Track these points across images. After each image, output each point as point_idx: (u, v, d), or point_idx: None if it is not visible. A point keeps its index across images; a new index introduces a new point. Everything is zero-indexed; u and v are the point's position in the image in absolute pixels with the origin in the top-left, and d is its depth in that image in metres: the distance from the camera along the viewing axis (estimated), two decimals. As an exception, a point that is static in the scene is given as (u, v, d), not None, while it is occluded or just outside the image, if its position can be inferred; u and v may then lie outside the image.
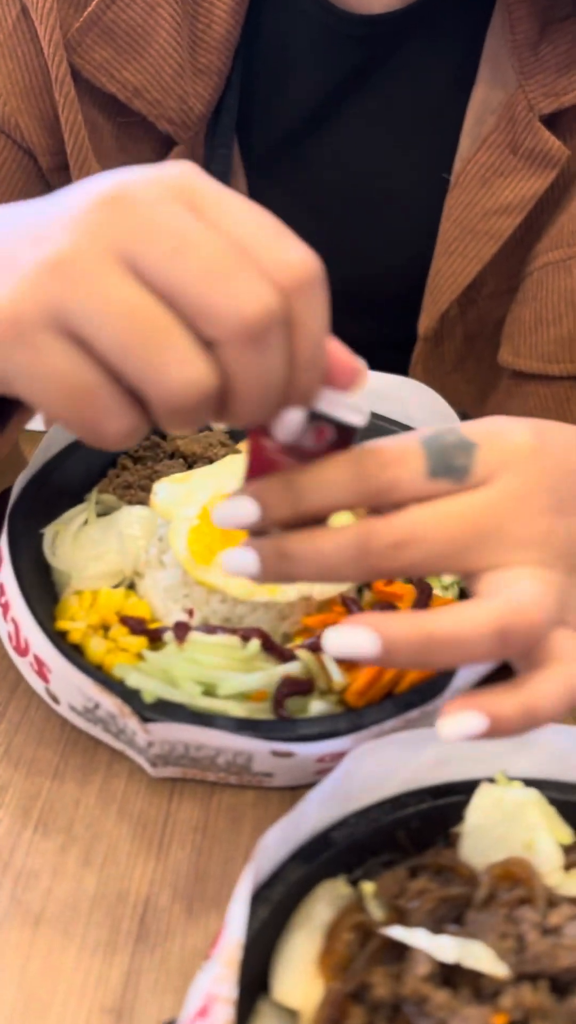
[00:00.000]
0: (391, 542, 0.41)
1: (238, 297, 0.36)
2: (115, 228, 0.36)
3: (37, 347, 0.36)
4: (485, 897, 0.48)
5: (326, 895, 0.50)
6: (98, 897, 0.56)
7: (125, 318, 0.35)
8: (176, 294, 0.36)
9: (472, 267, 0.83)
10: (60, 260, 0.36)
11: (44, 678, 0.61)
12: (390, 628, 0.39)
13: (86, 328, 0.36)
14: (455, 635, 0.39)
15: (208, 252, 0.36)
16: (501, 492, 0.42)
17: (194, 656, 0.61)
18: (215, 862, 0.58)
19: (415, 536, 0.41)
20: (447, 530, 0.41)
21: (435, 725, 0.41)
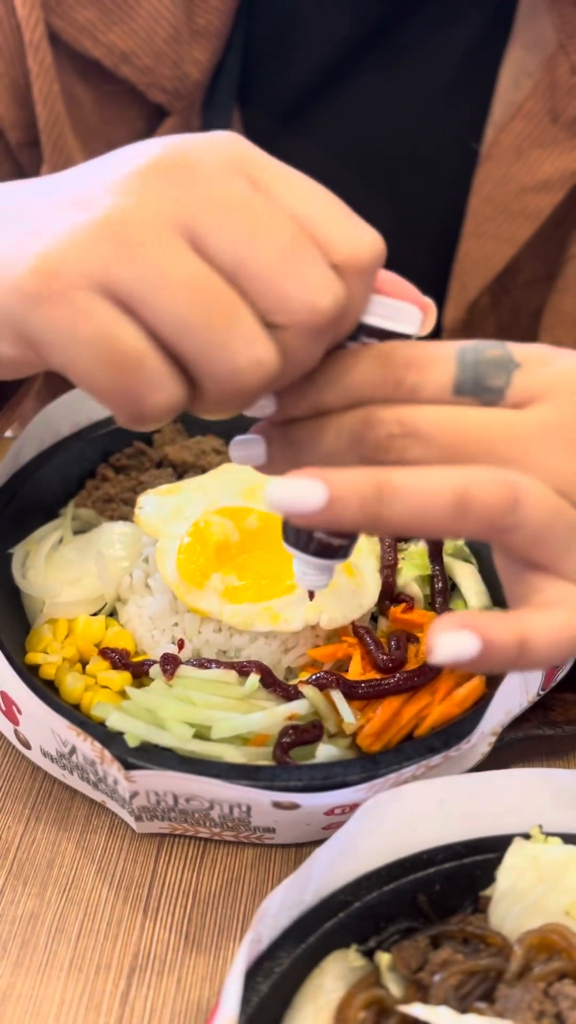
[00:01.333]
0: (389, 431, 0.42)
1: (312, 288, 0.39)
2: (176, 198, 0.38)
3: (78, 307, 0.38)
4: (519, 970, 0.48)
5: (336, 967, 0.50)
6: (74, 971, 0.56)
7: (189, 292, 0.38)
8: (246, 276, 0.38)
9: (505, 251, 0.83)
10: (111, 222, 0.37)
11: (13, 719, 0.62)
12: (337, 477, 0.40)
13: (141, 298, 0.38)
14: (409, 488, 0.40)
15: (281, 236, 0.39)
16: (531, 417, 0.43)
17: (184, 694, 0.61)
18: (208, 930, 0.58)
19: (416, 430, 0.42)
20: (453, 434, 0.42)
21: (430, 646, 0.40)
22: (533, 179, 0.80)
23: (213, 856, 0.61)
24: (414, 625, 0.68)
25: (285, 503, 0.40)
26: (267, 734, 0.61)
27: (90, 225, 0.38)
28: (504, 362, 0.43)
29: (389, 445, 0.42)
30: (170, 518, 0.70)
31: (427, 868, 0.53)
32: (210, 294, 0.38)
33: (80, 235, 0.38)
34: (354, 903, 0.51)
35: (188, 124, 0.82)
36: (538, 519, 0.41)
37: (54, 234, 0.38)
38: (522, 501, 0.40)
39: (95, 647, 0.66)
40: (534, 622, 0.41)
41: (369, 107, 0.84)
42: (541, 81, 0.78)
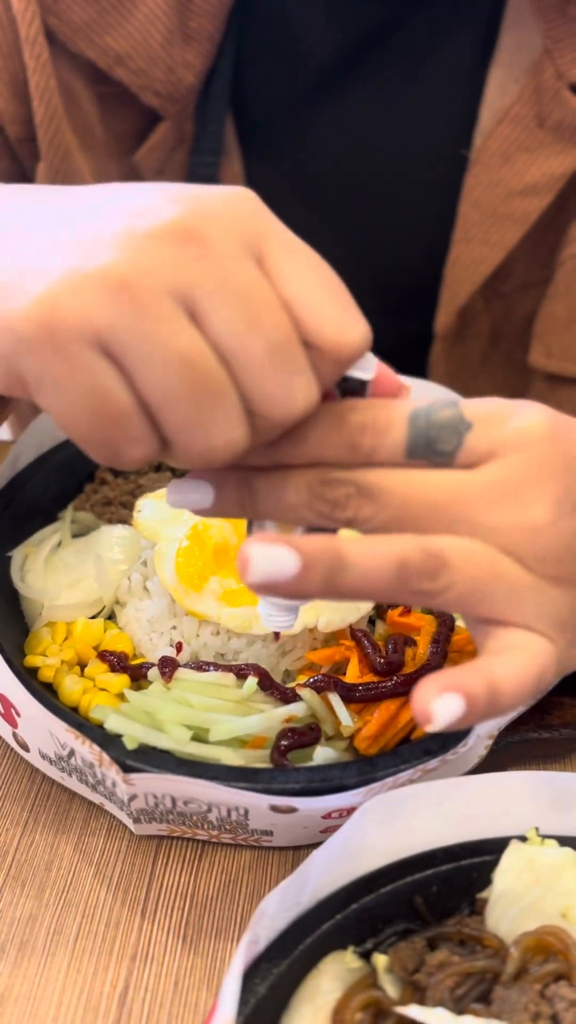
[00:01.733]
0: (347, 492, 0.44)
1: (292, 394, 0.41)
2: (185, 268, 0.39)
3: (73, 361, 0.39)
4: (515, 972, 0.48)
5: (333, 969, 0.50)
6: (71, 974, 0.56)
7: (182, 367, 0.39)
8: (237, 364, 0.40)
9: (494, 255, 0.83)
10: (116, 280, 0.38)
11: (11, 722, 0.62)
12: (304, 546, 0.42)
13: (134, 362, 0.39)
14: (357, 557, 0.42)
15: (277, 335, 0.40)
16: (477, 478, 0.44)
17: (182, 696, 0.62)
18: (206, 932, 0.58)
19: (369, 492, 0.44)
20: (403, 497, 0.44)
21: (425, 713, 0.42)
22: (521, 183, 0.81)
23: (211, 858, 0.62)
24: (411, 628, 0.68)
25: (267, 575, 0.41)
26: (265, 736, 0.61)
27: (92, 278, 0.38)
28: (455, 424, 0.45)
29: (346, 504, 0.44)
30: (168, 521, 0.70)
31: (424, 870, 0.53)
32: (201, 373, 0.39)
33: (81, 286, 0.38)
34: (351, 905, 0.51)
35: (181, 128, 0.82)
36: (466, 581, 0.43)
37: (55, 279, 0.39)
38: (448, 566, 0.43)
39: (94, 650, 0.67)
40: (497, 667, 0.43)
41: (361, 114, 0.84)
42: (527, 86, 0.78)
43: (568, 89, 0.77)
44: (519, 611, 0.45)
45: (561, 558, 0.45)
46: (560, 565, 0.45)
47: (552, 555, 0.45)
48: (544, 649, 0.45)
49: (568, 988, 0.47)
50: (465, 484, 0.44)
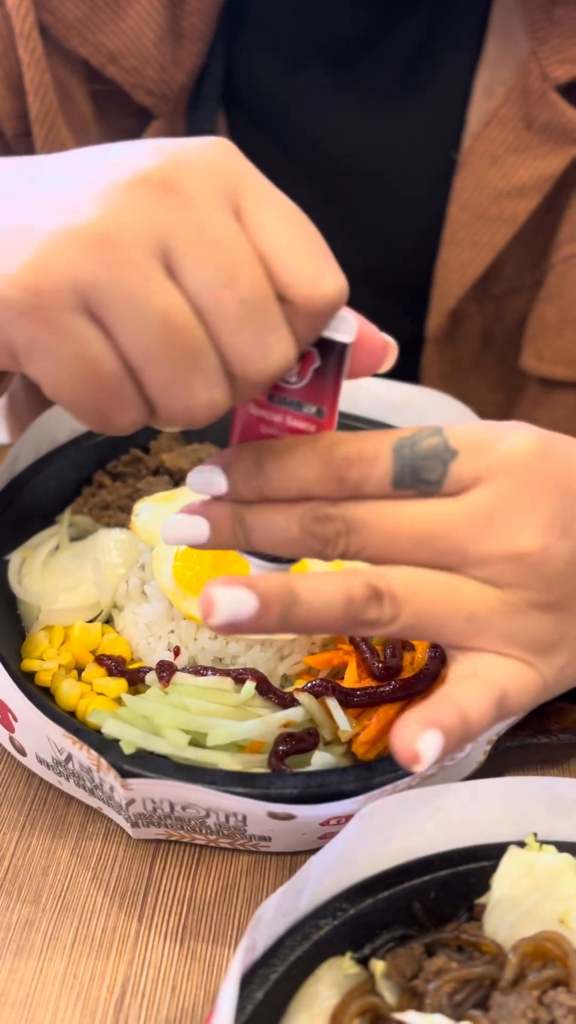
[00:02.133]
0: (336, 529, 0.45)
1: (267, 352, 0.41)
2: (161, 218, 0.39)
3: (63, 327, 0.39)
4: (513, 978, 0.48)
5: (330, 975, 0.50)
6: (68, 979, 0.56)
7: (162, 326, 0.39)
8: (214, 320, 0.40)
9: (483, 256, 0.83)
10: (97, 236, 0.38)
11: (8, 726, 0.62)
12: (260, 585, 0.43)
13: (117, 321, 0.39)
14: (308, 593, 0.44)
15: (253, 291, 0.40)
16: (459, 506, 0.45)
17: (180, 701, 0.61)
18: (203, 938, 0.58)
19: (357, 527, 0.45)
20: (390, 530, 0.45)
21: (411, 753, 0.43)
22: (508, 184, 0.81)
23: (208, 863, 0.61)
24: (410, 633, 0.68)
25: (230, 616, 0.43)
26: (263, 741, 0.61)
27: (75, 236, 0.38)
28: (439, 452, 0.45)
29: (336, 541, 0.45)
30: (166, 525, 0.70)
31: (422, 876, 0.53)
32: (180, 331, 0.39)
33: (65, 246, 0.38)
34: (349, 910, 0.51)
35: (174, 126, 0.82)
36: (414, 612, 0.44)
37: (40, 241, 0.39)
38: (395, 598, 0.44)
39: (91, 654, 0.66)
40: (460, 696, 0.44)
41: (349, 117, 0.85)
42: (514, 88, 0.79)
43: (554, 90, 0.77)
44: (482, 637, 0.45)
45: (549, 583, 0.45)
46: (549, 590, 0.45)
47: (540, 581, 0.45)
48: (511, 674, 0.45)
49: (566, 994, 0.47)
50: (448, 514, 0.45)
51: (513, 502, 0.45)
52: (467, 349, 0.92)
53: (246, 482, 0.46)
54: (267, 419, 0.47)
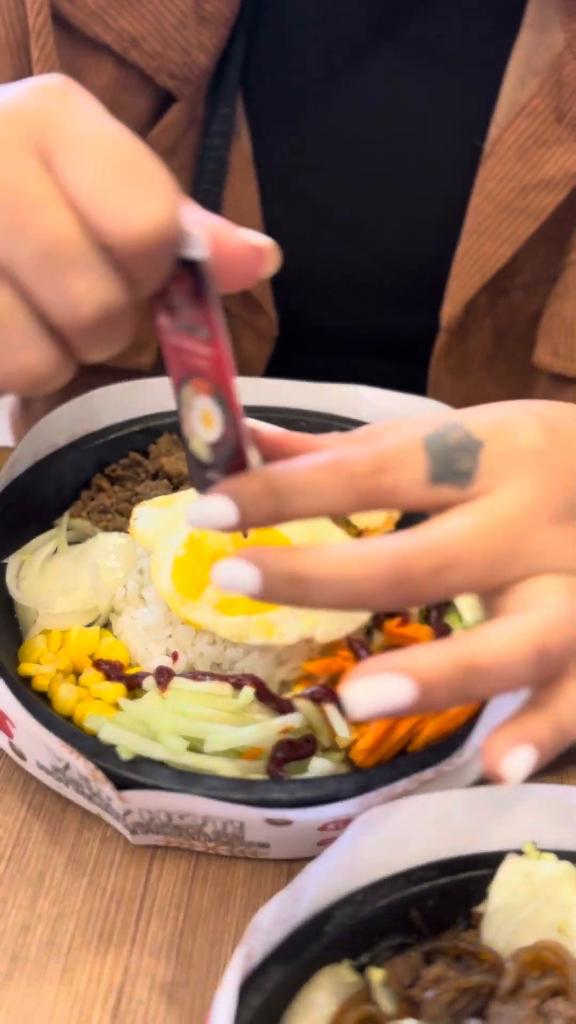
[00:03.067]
0: (430, 567, 0.42)
1: (72, 297, 0.38)
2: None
3: None
4: (511, 987, 0.48)
5: (328, 983, 0.50)
6: (64, 985, 0.56)
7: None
8: (15, 278, 0.39)
9: (505, 249, 0.83)
10: None
11: (6, 731, 0.62)
12: (422, 668, 0.40)
13: None
14: (494, 662, 0.41)
15: (45, 237, 0.38)
16: (515, 499, 0.44)
17: (178, 706, 0.61)
18: (200, 944, 0.58)
19: (454, 559, 0.42)
20: (483, 549, 0.43)
21: (497, 774, 0.42)
22: (536, 177, 0.81)
23: (205, 869, 0.61)
24: (408, 639, 0.68)
25: (378, 709, 0.40)
26: (261, 748, 0.61)
27: None
28: (466, 444, 0.44)
29: (435, 581, 0.42)
30: (165, 530, 0.70)
31: (420, 883, 0.53)
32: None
33: None
34: (347, 918, 0.51)
35: (195, 110, 0.82)
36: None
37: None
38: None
39: (88, 658, 0.66)
40: (562, 705, 0.43)
41: (373, 101, 0.84)
42: (547, 80, 0.79)
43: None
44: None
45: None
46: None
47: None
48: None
49: (565, 1004, 0.46)
50: (512, 508, 0.44)
51: (549, 488, 0.45)
52: (479, 343, 0.92)
53: (258, 506, 0.43)
54: (178, 346, 0.44)
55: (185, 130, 0.83)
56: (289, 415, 0.82)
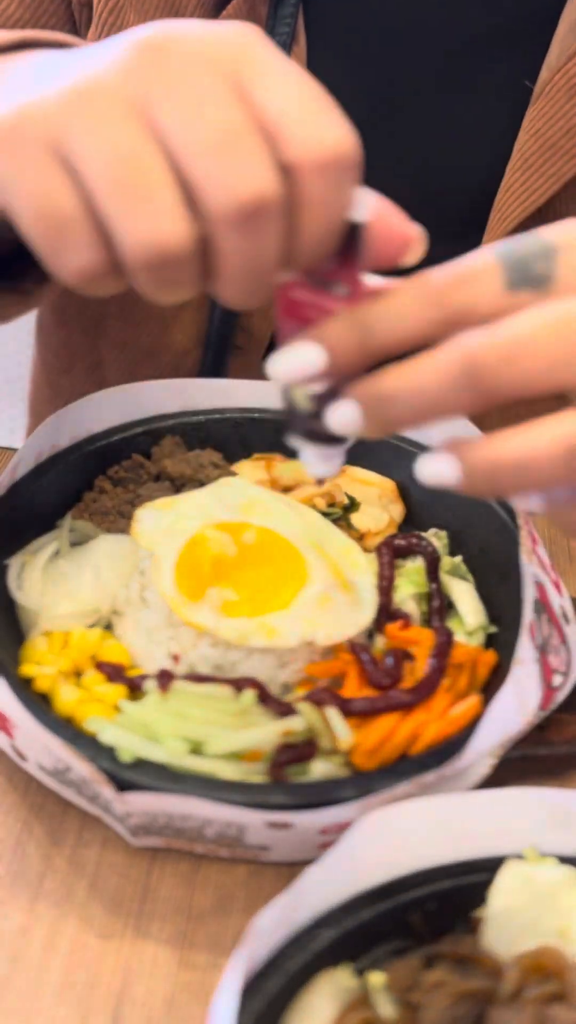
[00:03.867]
0: (500, 356, 0.42)
1: (237, 175, 0.40)
2: (145, 76, 0.41)
3: (26, 160, 0.42)
4: (511, 992, 0.48)
5: (328, 987, 0.50)
6: (64, 987, 0.56)
7: (120, 160, 0.41)
8: (180, 158, 0.41)
9: (549, 185, 0.84)
10: (80, 90, 0.42)
11: (7, 732, 0.62)
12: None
13: (80, 159, 0.41)
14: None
15: (221, 123, 0.40)
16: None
17: (179, 708, 0.61)
18: (200, 947, 0.58)
19: (522, 351, 0.42)
20: (554, 342, 0.43)
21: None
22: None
23: (206, 872, 0.61)
24: (410, 642, 0.68)
25: (434, 476, 0.44)
26: (262, 751, 0.61)
27: (59, 93, 0.42)
28: (543, 249, 0.44)
29: (508, 371, 0.42)
30: (167, 532, 0.70)
31: (420, 887, 0.53)
32: (137, 165, 0.40)
33: (48, 100, 0.42)
34: (346, 922, 0.51)
35: (254, 9, 0.82)
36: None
37: (29, 98, 0.42)
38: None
39: (90, 660, 0.66)
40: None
41: (430, 28, 0.85)
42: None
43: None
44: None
45: None
46: None
47: None
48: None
49: (565, 1010, 0.46)
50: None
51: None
52: None
53: (345, 342, 0.45)
54: (302, 300, 0.46)
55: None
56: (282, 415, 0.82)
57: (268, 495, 0.74)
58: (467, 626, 0.71)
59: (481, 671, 0.67)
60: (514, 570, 0.66)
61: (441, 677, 0.65)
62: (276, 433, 0.82)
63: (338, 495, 0.78)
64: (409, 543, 0.75)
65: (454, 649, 0.67)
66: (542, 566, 0.67)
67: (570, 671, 0.64)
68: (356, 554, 0.72)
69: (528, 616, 0.62)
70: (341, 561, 0.71)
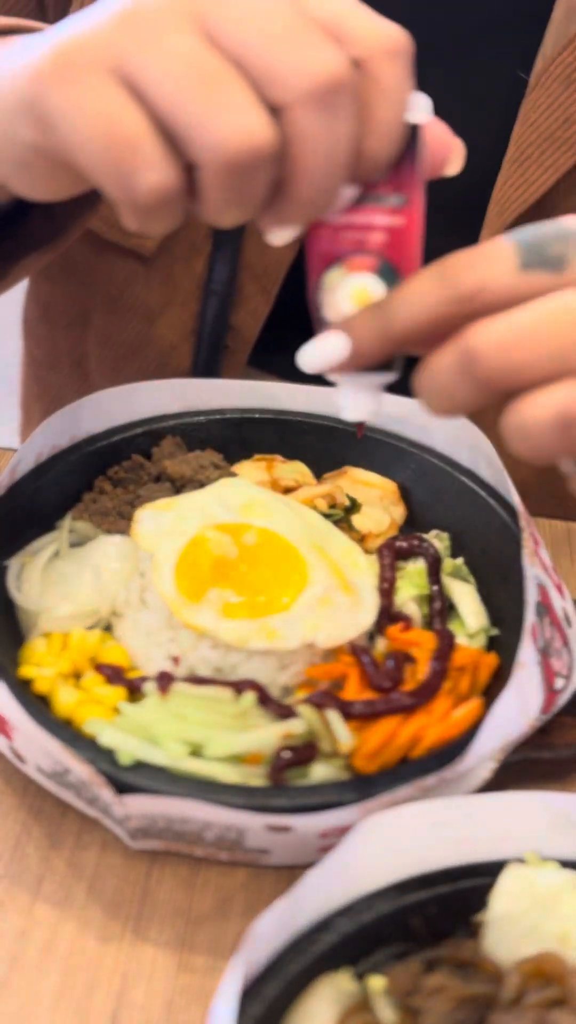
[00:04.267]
0: (496, 344, 0.44)
1: (305, 59, 0.41)
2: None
3: (86, 86, 0.42)
4: (512, 997, 0.48)
5: (328, 991, 0.50)
6: (63, 991, 0.56)
7: (185, 67, 0.41)
8: (243, 56, 0.41)
9: (547, 177, 0.84)
10: (133, 12, 0.42)
11: (6, 734, 0.62)
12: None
13: (143, 75, 0.41)
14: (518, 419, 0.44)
15: (281, 18, 0.41)
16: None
17: (179, 710, 0.61)
18: (199, 951, 0.58)
19: (521, 335, 0.43)
20: (557, 324, 0.43)
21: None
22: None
23: (205, 876, 0.61)
24: (411, 645, 0.68)
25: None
26: (262, 753, 0.61)
27: (108, 18, 0.42)
28: (560, 232, 0.45)
29: (506, 357, 0.43)
30: (167, 533, 0.70)
31: (421, 891, 0.53)
32: (205, 68, 0.41)
33: (98, 27, 0.42)
34: (346, 926, 0.51)
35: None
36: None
37: (75, 30, 0.43)
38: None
39: (90, 662, 0.66)
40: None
41: (422, 22, 0.84)
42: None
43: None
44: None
45: None
46: None
47: None
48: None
49: (566, 1015, 0.46)
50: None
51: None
52: None
53: (367, 328, 0.47)
54: (347, 224, 0.46)
55: None
56: (282, 415, 0.83)
57: (269, 496, 0.73)
58: (469, 628, 0.71)
59: (483, 674, 0.67)
60: (516, 572, 0.66)
61: (442, 680, 0.65)
62: (277, 434, 0.82)
63: (339, 496, 0.78)
64: (410, 545, 0.75)
65: (455, 652, 0.67)
66: (544, 568, 0.66)
67: (572, 674, 0.64)
68: (357, 556, 0.72)
69: (530, 619, 0.61)
70: (342, 563, 0.71)
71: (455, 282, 0.45)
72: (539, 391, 0.44)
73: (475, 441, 0.77)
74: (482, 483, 0.77)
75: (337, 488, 0.79)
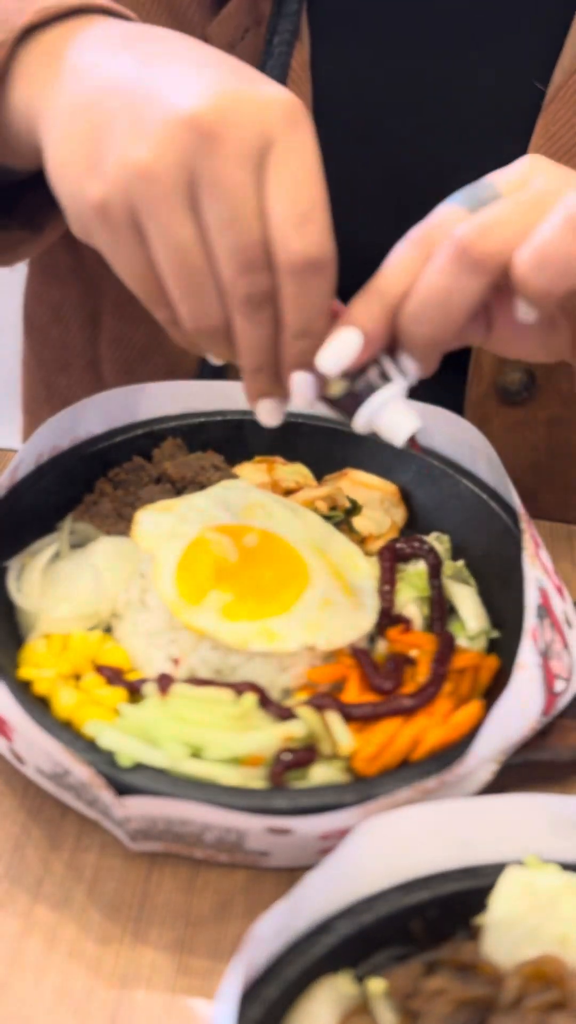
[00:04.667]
0: (478, 231, 0.53)
1: (244, 288, 0.52)
2: (197, 156, 0.50)
3: (119, 238, 0.53)
4: (512, 1000, 0.48)
5: (327, 994, 0.50)
6: (62, 992, 0.56)
7: (180, 256, 0.52)
8: (214, 256, 0.52)
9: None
10: (143, 169, 0.50)
11: (6, 735, 0.62)
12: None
13: (151, 241, 0.52)
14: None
15: (244, 240, 0.51)
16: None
17: (179, 712, 0.61)
18: (199, 953, 0.58)
19: (494, 221, 0.53)
20: (518, 208, 0.53)
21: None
22: None
23: (205, 878, 0.61)
24: (412, 647, 0.68)
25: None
26: (262, 755, 0.61)
27: (129, 168, 0.50)
28: (485, 183, 0.57)
29: (490, 234, 0.53)
30: (168, 534, 0.70)
31: (421, 894, 0.53)
32: (189, 261, 0.52)
33: (121, 181, 0.51)
34: (346, 928, 0.51)
35: (257, 7, 0.81)
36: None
37: (105, 171, 0.52)
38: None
39: (90, 663, 0.66)
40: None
41: (438, 29, 0.84)
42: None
43: None
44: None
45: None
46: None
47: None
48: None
49: (566, 1018, 0.46)
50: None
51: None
52: None
53: (372, 313, 0.54)
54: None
55: (247, 29, 0.82)
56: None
57: (269, 498, 0.74)
58: (469, 631, 0.71)
59: (483, 676, 0.67)
60: (516, 574, 0.66)
61: (443, 682, 0.65)
62: (277, 436, 0.82)
63: (340, 498, 0.78)
64: (411, 547, 0.75)
65: (456, 654, 0.67)
66: (545, 570, 0.66)
67: (572, 676, 0.64)
68: (358, 558, 0.72)
69: (530, 621, 0.61)
70: (342, 565, 0.71)
71: (427, 241, 0.54)
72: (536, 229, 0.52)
73: (475, 443, 0.77)
74: (483, 485, 0.77)
75: (338, 490, 0.79)
